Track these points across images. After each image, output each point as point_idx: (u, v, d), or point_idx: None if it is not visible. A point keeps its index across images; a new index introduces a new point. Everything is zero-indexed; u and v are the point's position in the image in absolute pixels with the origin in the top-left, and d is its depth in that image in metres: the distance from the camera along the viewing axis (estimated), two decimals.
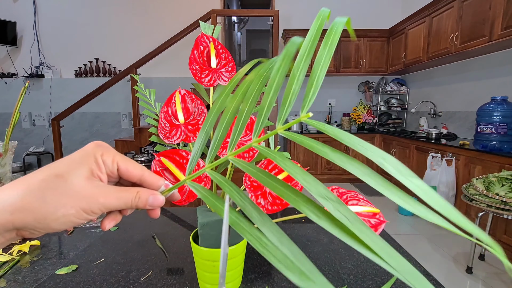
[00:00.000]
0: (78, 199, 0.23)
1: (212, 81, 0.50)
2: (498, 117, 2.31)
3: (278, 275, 0.56)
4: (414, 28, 3.34)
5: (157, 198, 0.27)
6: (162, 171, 0.43)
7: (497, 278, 1.77)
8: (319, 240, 0.70)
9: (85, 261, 0.61)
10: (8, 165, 0.82)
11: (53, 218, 0.23)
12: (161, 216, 0.87)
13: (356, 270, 0.58)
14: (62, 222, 0.23)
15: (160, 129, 0.48)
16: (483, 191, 1.65)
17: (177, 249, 0.66)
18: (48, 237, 0.73)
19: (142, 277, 0.55)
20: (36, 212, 0.22)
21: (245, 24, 3.66)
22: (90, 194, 0.24)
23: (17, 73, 4.13)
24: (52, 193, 0.23)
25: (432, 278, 0.55)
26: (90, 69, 4.13)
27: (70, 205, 0.23)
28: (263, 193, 0.47)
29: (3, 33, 3.88)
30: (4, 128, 0.44)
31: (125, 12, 4.11)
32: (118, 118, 4.19)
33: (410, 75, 4.06)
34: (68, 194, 0.23)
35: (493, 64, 2.63)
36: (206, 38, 0.50)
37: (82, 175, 0.24)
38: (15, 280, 0.55)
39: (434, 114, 3.42)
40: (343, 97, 4.43)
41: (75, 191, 0.23)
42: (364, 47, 3.97)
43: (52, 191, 0.23)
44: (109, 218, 0.27)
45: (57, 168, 0.24)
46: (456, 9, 2.63)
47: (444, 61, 3.08)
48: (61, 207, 0.23)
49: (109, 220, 0.27)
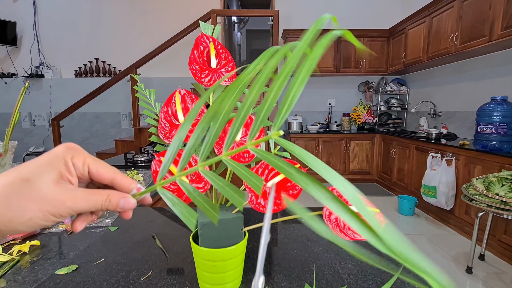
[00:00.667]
0: (45, 203, 0.23)
1: (212, 81, 0.50)
2: (498, 117, 2.31)
3: (278, 275, 0.56)
4: (414, 28, 3.34)
5: (128, 201, 0.27)
6: None
7: (497, 278, 1.77)
8: (319, 240, 0.70)
9: (85, 261, 0.61)
10: (8, 165, 0.82)
11: (19, 222, 0.22)
12: (161, 216, 0.87)
13: (356, 270, 0.58)
14: (28, 225, 0.23)
15: (160, 129, 0.48)
16: (483, 191, 1.65)
17: (177, 249, 0.66)
18: (48, 237, 0.73)
19: (142, 277, 0.55)
20: (1, 216, 0.22)
21: (245, 24, 3.66)
22: (57, 198, 0.24)
23: (17, 73, 4.13)
24: (17, 198, 0.22)
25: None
26: (90, 69, 4.13)
27: (37, 209, 0.23)
28: (263, 193, 0.47)
29: (3, 33, 3.88)
30: (4, 128, 0.44)
31: (125, 12, 4.11)
32: (118, 118, 4.19)
33: (410, 75, 4.06)
34: (34, 198, 0.23)
35: (493, 64, 2.63)
36: (206, 38, 0.50)
37: (50, 178, 0.24)
38: (15, 280, 0.55)
39: (434, 114, 3.42)
40: (343, 97, 4.43)
41: (41, 195, 0.23)
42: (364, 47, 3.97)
43: (17, 196, 0.22)
44: (80, 219, 0.27)
45: (24, 171, 0.23)
46: (456, 9, 2.63)
47: (444, 61, 3.08)
48: (27, 212, 0.22)
49: (80, 222, 0.27)
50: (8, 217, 0.22)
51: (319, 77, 4.31)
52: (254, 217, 0.84)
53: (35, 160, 0.25)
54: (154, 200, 1.09)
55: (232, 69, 0.52)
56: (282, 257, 0.63)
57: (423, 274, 0.13)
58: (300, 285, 0.53)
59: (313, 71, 0.19)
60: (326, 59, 3.99)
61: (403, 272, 0.57)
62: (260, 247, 0.17)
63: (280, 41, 4.27)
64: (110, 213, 0.89)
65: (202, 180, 0.45)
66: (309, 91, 4.39)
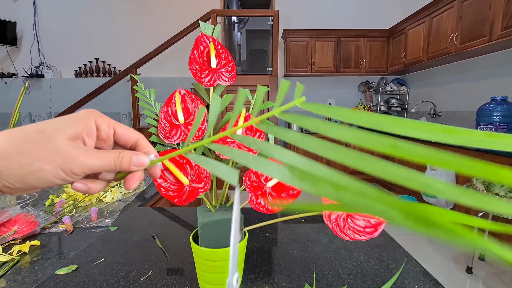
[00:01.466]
0: (57, 156, 0.23)
1: (212, 81, 0.50)
2: (498, 117, 2.31)
3: (278, 275, 0.56)
4: (414, 28, 3.34)
5: (140, 159, 0.27)
6: (162, 171, 0.43)
7: (497, 278, 1.77)
8: (319, 240, 0.70)
9: (85, 261, 0.61)
10: None
11: (28, 171, 0.22)
12: (161, 216, 0.87)
13: (356, 270, 0.58)
14: (37, 177, 0.22)
15: (160, 129, 0.48)
16: (483, 191, 1.65)
17: (177, 249, 0.66)
18: (48, 237, 0.73)
19: (142, 277, 0.55)
20: (11, 160, 0.22)
21: (245, 24, 3.66)
22: (70, 152, 0.23)
23: (17, 73, 4.13)
24: (30, 145, 0.22)
25: (432, 278, 0.55)
26: (90, 69, 4.13)
27: (47, 160, 0.22)
28: (263, 193, 0.47)
29: (3, 33, 3.88)
30: (4, 128, 0.44)
31: (125, 12, 4.11)
32: (118, 118, 4.19)
33: (410, 75, 4.06)
34: (46, 148, 0.23)
35: (493, 64, 2.63)
36: (206, 38, 0.50)
37: (65, 134, 0.24)
38: (15, 280, 0.55)
39: (434, 114, 3.42)
40: (343, 97, 4.43)
41: (54, 147, 0.23)
42: (364, 47, 3.97)
43: (30, 143, 0.22)
44: (83, 181, 0.26)
45: (42, 124, 0.24)
46: (456, 9, 2.63)
47: (444, 61, 3.08)
48: (37, 160, 0.22)
49: (82, 183, 0.25)
50: (18, 163, 0.22)
51: (319, 77, 4.31)
52: (254, 217, 0.84)
53: (56, 118, 0.25)
54: (154, 200, 1.09)
55: (232, 69, 0.52)
56: (282, 257, 0.63)
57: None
58: (300, 285, 0.53)
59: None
60: (326, 59, 3.99)
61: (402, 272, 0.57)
62: (231, 246, 0.17)
63: (280, 41, 4.27)
64: (110, 213, 0.89)
65: (202, 180, 0.45)
66: (309, 91, 4.38)
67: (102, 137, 0.27)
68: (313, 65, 3.99)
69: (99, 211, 0.90)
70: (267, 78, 3.34)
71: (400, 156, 0.13)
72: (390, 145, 0.14)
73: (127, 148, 0.29)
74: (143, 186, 1.17)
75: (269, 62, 3.46)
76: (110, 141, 0.28)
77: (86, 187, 0.26)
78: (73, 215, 0.87)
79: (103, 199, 1.00)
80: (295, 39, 3.95)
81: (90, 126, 0.25)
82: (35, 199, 1.02)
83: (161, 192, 0.42)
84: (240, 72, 3.54)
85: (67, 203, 0.93)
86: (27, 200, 1.01)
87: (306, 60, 3.98)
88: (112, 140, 0.28)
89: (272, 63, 3.37)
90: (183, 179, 0.43)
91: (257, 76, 3.38)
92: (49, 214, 0.86)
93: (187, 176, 0.44)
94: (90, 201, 0.98)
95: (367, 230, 0.43)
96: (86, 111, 0.26)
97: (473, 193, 0.11)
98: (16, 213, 0.75)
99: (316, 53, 3.97)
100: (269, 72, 3.43)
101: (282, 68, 4.27)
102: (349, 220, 0.43)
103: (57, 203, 0.90)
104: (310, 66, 4.00)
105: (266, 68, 3.49)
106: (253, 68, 3.67)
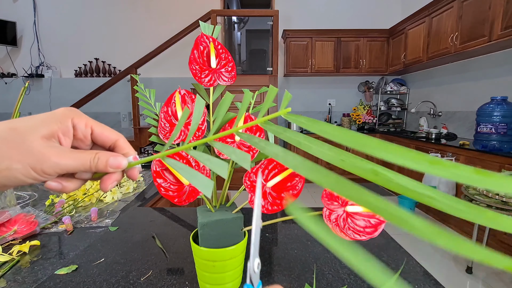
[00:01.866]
0: (27, 155, 0.22)
1: (212, 81, 0.50)
2: (498, 117, 2.31)
3: (278, 275, 0.56)
4: (414, 28, 3.34)
5: (118, 160, 0.25)
6: (162, 171, 0.43)
7: (497, 278, 1.77)
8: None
9: (85, 261, 0.61)
10: None
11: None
12: (161, 216, 0.87)
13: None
14: (5, 176, 0.22)
15: (160, 129, 0.48)
16: (483, 191, 1.65)
17: (177, 249, 0.66)
18: (48, 237, 0.73)
19: (142, 277, 0.55)
20: None
21: (245, 24, 3.66)
22: (41, 152, 0.22)
23: (17, 73, 4.13)
24: (0, 143, 0.22)
25: (432, 278, 0.55)
26: (90, 69, 4.13)
27: (17, 159, 0.22)
28: (263, 193, 0.47)
29: (3, 33, 3.88)
30: None
31: (125, 12, 4.11)
32: (118, 118, 4.19)
33: (410, 75, 4.06)
34: (17, 147, 0.22)
35: (493, 64, 2.63)
36: (206, 38, 0.50)
37: (39, 132, 0.23)
38: (15, 280, 0.55)
39: (434, 114, 3.42)
40: (343, 97, 4.43)
41: (25, 146, 0.22)
42: (364, 47, 3.97)
43: (0, 140, 0.22)
44: (57, 179, 0.25)
45: (15, 122, 0.23)
46: (456, 9, 2.63)
47: (444, 61, 3.08)
48: (6, 159, 0.21)
49: (56, 181, 0.25)
50: None
51: (319, 77, 4.31)
52: None
53: (31, 116, 0.24)
54: (154, 200, 1.09)
55: (232, 69, 0.52)
56: (282, 257, 0.63)
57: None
58: (300, 285, 0.53)
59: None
60: (326, 59, 3.99)
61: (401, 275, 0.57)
62: (253, 231, 0.17)
63: (280, 41, 4.27)
64: (110, 213, 0.89)
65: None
66: (309, 91, 4.38)
67: (78, 136, 0.26)
68: (313, 65, 3.99)
69: (99, 211, 0.90)
70: (267, 78, 3.33)
71: (381, 184, 0.13)
72: (372, 171, 0.14)
73: (105, 148, 0.28)
74: (143, 186, 1.17)
75: (269, 62, 3.46)
76: (88, 141, 0.27)
77: (60, 185, 0.25)
78: (73, 215, 0.87)
79: (103, 199, 1.00)
80: (295, 39, 3.95)
81: (66, 125, 0.25)
82: (35, 199, 1.02)
83: (161, 192, 0.42)
84: (240, 72, 3.54)
85: (67, 203, 0.93)
86: (27, 200, 1.01)
87: (306, 60, 3.98)
88: (89, 139, 0.27)
89: (272, 63, 3.37)
90: (183, 179, 0.43)
91: (257, 76, 3.38)
92: (49, 214, 0.86)
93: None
94: (90, 201, 0.98)
95: (367, 230, 0.43)
96: (64, 109, 0.25)
97: (450, 236, 0.11)
98: (16, 213, 0.75)
99: (316, 53, 3.97)
100: (269, 72, 3.43)
101: (282, 68, 4.27)
102: (349, 220, 0.43)
103: (57, 203, 0.90)
104: (310, 66, 4.00)
105: (266, 68, 3.49)
106: (253, 68, 3.67)
